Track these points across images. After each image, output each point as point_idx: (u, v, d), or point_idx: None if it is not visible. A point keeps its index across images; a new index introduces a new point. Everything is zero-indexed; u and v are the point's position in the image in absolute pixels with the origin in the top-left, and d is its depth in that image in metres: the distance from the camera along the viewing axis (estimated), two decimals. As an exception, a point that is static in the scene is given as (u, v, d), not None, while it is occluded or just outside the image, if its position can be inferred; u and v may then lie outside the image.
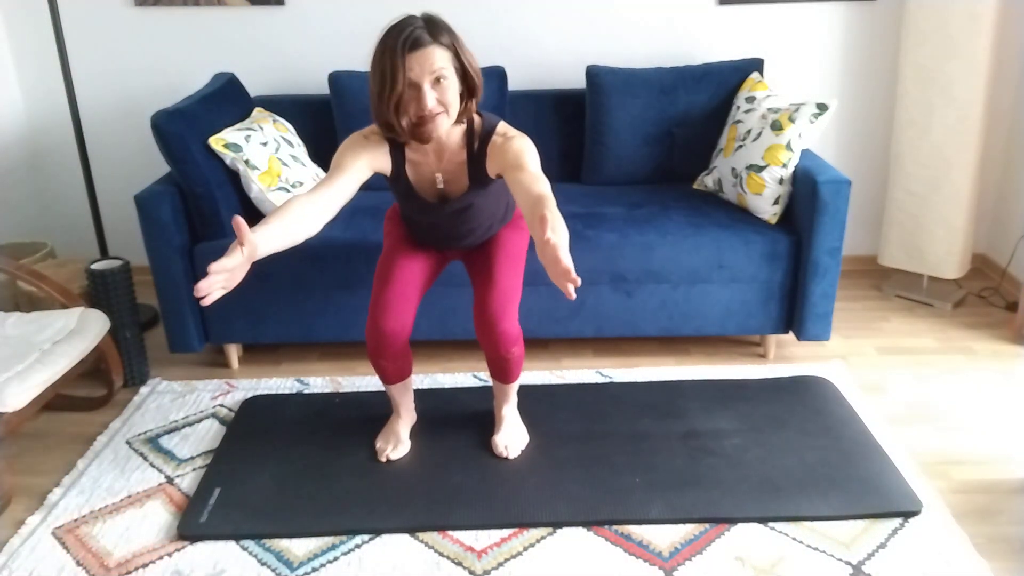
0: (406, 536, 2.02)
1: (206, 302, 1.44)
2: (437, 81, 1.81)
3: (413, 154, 2.00)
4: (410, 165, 2.01)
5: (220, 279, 1.44)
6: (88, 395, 2.64)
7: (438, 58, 1.80)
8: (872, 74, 3.30)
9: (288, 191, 2.68)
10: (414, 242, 2.23)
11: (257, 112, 2.95)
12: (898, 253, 3.23)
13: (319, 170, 2.93)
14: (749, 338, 2.95)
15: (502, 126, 1.98)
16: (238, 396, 2.64)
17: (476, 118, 1.99)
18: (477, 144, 1.98)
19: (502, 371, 2.21)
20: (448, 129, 1.94)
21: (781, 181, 2.67)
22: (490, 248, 2.19)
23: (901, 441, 2.35)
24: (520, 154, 1.89)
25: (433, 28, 1.82)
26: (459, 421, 2.44)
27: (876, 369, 2.75)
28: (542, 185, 1.77)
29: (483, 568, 1.92)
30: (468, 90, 1.90)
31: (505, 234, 2.23)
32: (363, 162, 1.92)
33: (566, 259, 1.48)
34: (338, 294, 2.68)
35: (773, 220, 2.72)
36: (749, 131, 2.78)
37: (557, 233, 1.56)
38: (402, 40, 1.78)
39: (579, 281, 1.45)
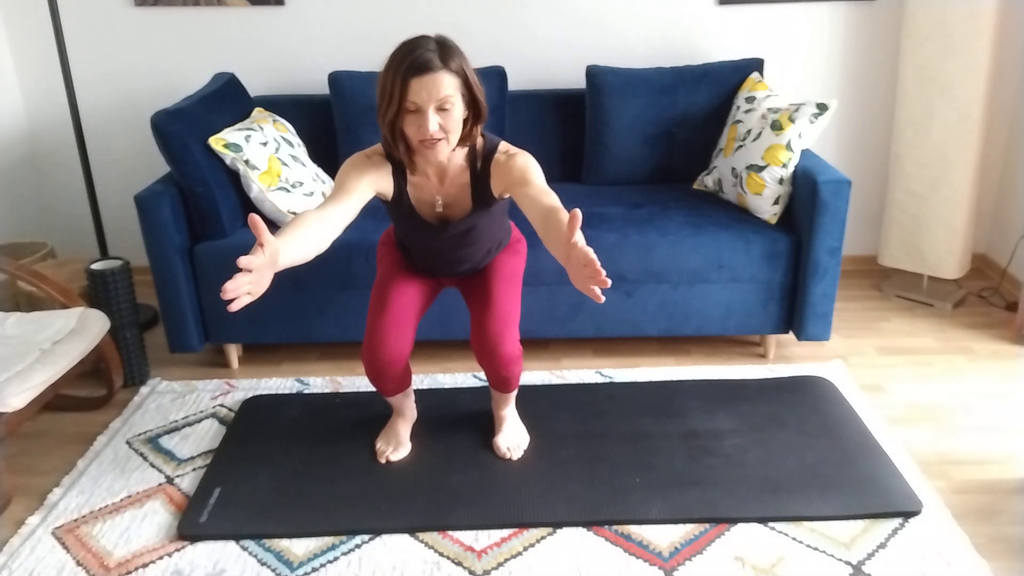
0: (406, 536, 2.02)
1: (233, 307, 1.39)
2: (442, 107, 1.79)
3: (415, 176, 1.98)
4: (412, 187, 1.99)
5: (247, 281, 1.40)
6: (88, 395, 2.64)
7: (446, 84, 1.77)
8: (872, 74, 3.30)
9: (288, 191, 2.68)
10: (409, 268, 2.21)
11: (257, 112, 2.95)
12: (898, 253, 3.23)
13: (319, 170, 2.94)
14: (749, 338, 2.95)
15: (503, 145, 1.98)
16: (238, 396, 2.64)
17: (479, 139, 1.98)
18: (480, 164, 1.97)
19: (503, 385, 2.22)
20: (451, 152, 1.92)
21: (781, 181, 2.67)
22: (487, 272, 2.18)
23: (901, 441, 2.35)
24: (525, 170, 1.89)
25: (444, 53, 1.78)
26: (459, 421, 2.44)
27: (876, 369, 2.75)
28: (552, 198, 1.76)
29: (483, 568, 1.92)
30: (474, 115, 1.88)
31: (501, 258, 2.22)
32: (366, 183, 1.89)
33: (596, 259, 1.45)
34: (338, 294, 2.68)
35: (773, 220, 2.72)
36: (749, 131, 2.78)
37: (582, 236, 1.54)
38: (410, 61, 1.75)
39: (609, 282, 1.43)
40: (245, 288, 1.40)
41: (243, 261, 1.38)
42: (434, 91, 1.76)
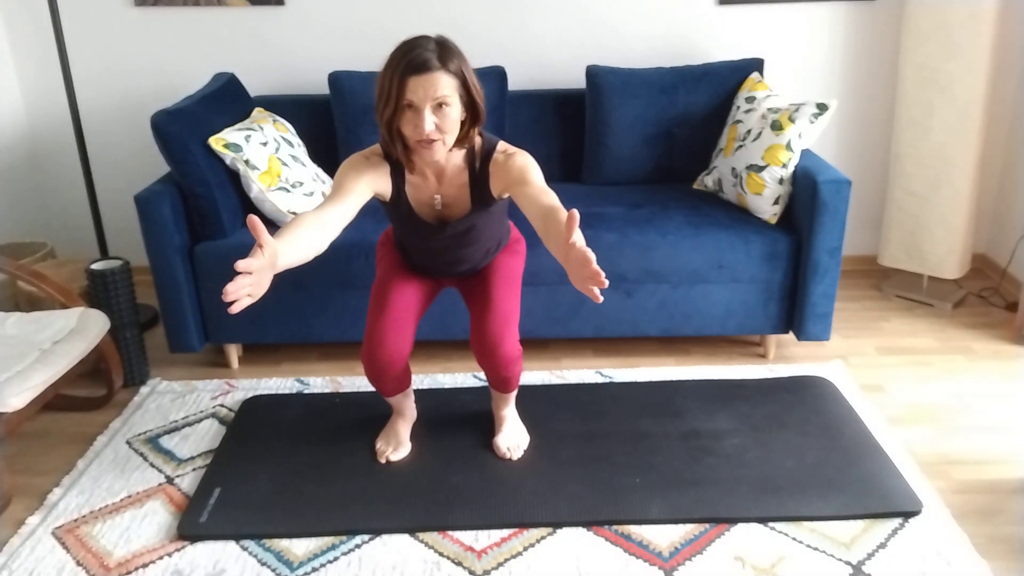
0: (406, 536, 2.02)
1: (234, 309, 1.40)
2: (439, 107, 1.78)
3: (413, 176, 1.98)
4: (410, 187, 1.99)
5: (247, 283, 1.40)
6: (88, 395, 2.64)
7: (443, 84, 1.76)
8: (872, 74, 3.30)
9: (288, 191, 2.68)
10: (409, 268, 2.21)
11: (257, 112, 2.95)
12: (898, 253, 3.23)
13: (319, 170, 2.94)
14: (749, 338, 2.95)
15: (502, 144, 1.97)
16: (238, 396, 2.64)
17: (476, 139, 1.97)
18: (479, 164, 1.96)
19: (502, 385, 2.22)
20: (448, 153, 1.91)
21: (781, 181, 2.67)
22: (486, 272, 2.18)
23: (901, 441, 2.35)
24: (524, 170, 1.88)
25: (443, 53, 1.78)
26: (459, 421, 2.44)
27: (876, 369, 2.75)
28: (551, 197, 1.76)
29: (483, 568, 1.92)
30: (472, 117, 1.87)
31: (501, 258, 2.22)
32: (364, 183, 1.89)
33: (594, 261, 1.45)
34: (338, 294, 2.68)
35: (773, 220, 2.72)
36: (749, 131, 2.78)
37: (581, 236, 1.54)
38: (408, 60, 1.75)
39: (607, 283, 1.43)
40: (246, 290, 1.41)
41: (241, 264, 1.38)
42: (431, 90, 1.76)
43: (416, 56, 1.75)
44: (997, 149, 3.29)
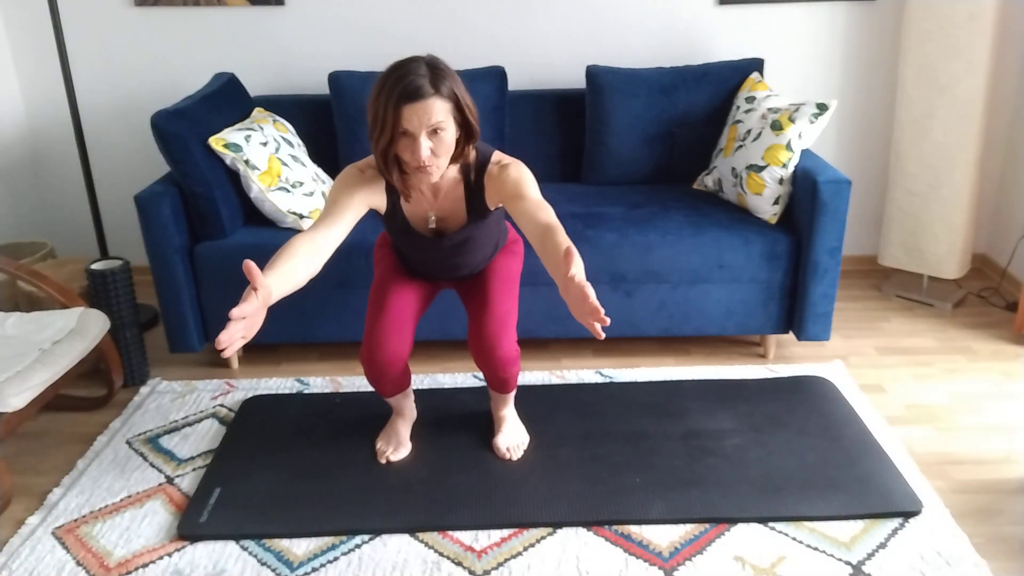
0: (406, 536, 2.02)
1: (226, 354, 1.40)
2: (434, 132, 1.76)
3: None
4: (406, 201, 1.99)
5: (239, 328, 1.40)
6: (88, 395, 2.64)
7: (437, 110, 1.74)
8: (872, 74, 3.30)
9: (288, 191, 2.68)
10: (406, 271, 2.22)
11: (257, 112, 2.95)
12: (898, 253, 3.23)
13: (319, 170, 2.94)
14: (749, 338, 2.95)
15: (496, 155, 1.95)
16: (238, 396, 2.64)
17: (471, 152, 1.94)
18: (474, 176, 1.95)
19: (501, 386, 2.22)
20: (441, 173, 1.89)
21: (781, 181, 2.67)
22: (484, 274, 2.18)
23: (901, 441, 2.35)
24: (519, 183, 1.87)
25: (435, 77, 1.75)
26: (459, 421, 2.44)
27: (876, 369, 2.75)
28: (547, 213, 1.75)
29: (483, 568, 1.92)
30: (466, 136, 1.85)
31: (498, 260, 2.22)
32: (359, 199, 1.88)
33: (593, 296, 1.44)
34: (338, 294, 2.68)
35: (773, 220, 2.72)
36: (749, 131, 2.78)
37: (580, 268, 1.52)
38: (401, 88, 1.72)
39: (608, 320, 1.42)
40: (239, 335, 1.41)
41: (236, 312, 1.38)
42: (426, 118, 1.73)
43: (409, 83, 1.72)
44: (997, 149, 3.30)
